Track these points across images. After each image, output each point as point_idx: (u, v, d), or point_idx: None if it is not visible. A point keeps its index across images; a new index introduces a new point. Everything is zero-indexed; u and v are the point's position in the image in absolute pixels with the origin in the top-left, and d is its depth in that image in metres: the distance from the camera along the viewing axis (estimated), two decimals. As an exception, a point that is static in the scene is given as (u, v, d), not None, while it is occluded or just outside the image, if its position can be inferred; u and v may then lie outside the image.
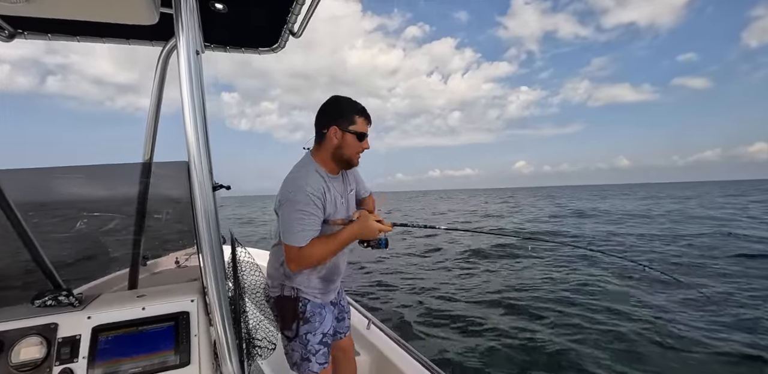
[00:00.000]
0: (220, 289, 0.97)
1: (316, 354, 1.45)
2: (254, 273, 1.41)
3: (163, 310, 1.05)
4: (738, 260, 7.60)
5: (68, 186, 1.45)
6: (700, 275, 6.55)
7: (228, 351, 0.98)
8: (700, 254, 8.38)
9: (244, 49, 1.69)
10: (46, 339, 0.95)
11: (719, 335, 3.97)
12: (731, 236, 10.82)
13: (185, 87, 0.90)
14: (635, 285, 5.74)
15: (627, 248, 9.56)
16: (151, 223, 1.60)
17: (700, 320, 4.35)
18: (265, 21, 1.47)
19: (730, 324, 4.25)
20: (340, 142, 1.39)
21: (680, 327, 4.17)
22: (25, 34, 1.34)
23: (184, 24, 0.91)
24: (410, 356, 1.98)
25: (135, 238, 1.60)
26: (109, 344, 0.98)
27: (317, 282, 1.50)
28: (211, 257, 0.95)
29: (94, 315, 1.01)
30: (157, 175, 1.58)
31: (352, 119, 1.39)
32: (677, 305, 4.85)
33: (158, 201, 1.60)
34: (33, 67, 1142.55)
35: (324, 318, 1.50)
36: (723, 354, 3.60)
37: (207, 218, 0.94)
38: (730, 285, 5.78)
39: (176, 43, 0.92)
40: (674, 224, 14.46)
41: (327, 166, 1.44)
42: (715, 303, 4.92)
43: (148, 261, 1.63)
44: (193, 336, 1.03)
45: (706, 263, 7.46)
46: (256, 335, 1.34)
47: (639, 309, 4.76)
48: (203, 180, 0.93)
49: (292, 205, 1.31)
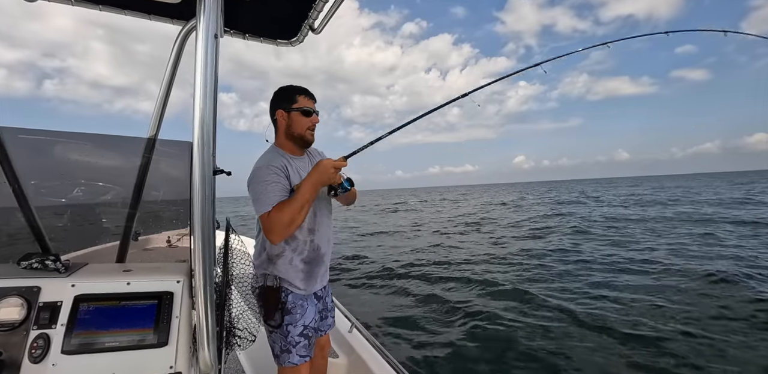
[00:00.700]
0: (207, 273, 0.97)
1: (296, 345, 1.45)
2: (245, 262, 1.41)
3: (147, 287, 1.04)
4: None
5: (72, 152, 1.45)
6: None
7: (207, 337, 0.98)
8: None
9: (262, 39, 1.69)
10: (27, 301, 0.95)
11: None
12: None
13: (200, 69, 0.90)
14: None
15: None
16: (148, 199, 1.60)
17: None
18: (287, 13, 1.47)
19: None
20: (287, 121, 1.51)
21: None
22: None
23: (207, 6, 0.91)
24: (388, 364, 1.99)
25: (130, 211, 1.60)
26: (89, 314, 0.97)
27: (301, 265, 1.50)
28: (203, 240, 0.95)
29: (78, 284, 1.01)
30: (160, 152, 1.59)
31: (294, 98, 1.50)
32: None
33: (158, 178, 1.60)
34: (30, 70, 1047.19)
35: (306, 310, 1.50)
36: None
37: (204, 200, 0.94)
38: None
39: (196, 25, 0.92)
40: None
41: (286, 148, 1.55)
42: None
43: (140, 237, 1.63)
44: (174, 317, 1.02)
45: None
46: (238, 324, 1.34)
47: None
48: (205, 162, 0.94)
49: (255, 179, 1.40)
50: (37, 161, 1.39)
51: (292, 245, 1.49)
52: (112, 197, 1.59)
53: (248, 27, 1.60)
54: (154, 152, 1.58)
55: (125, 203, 1.58)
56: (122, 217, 1.60)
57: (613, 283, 5.98)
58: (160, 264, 1.22)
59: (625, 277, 6.29)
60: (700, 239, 9.45)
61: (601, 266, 7.14)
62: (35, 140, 1.37)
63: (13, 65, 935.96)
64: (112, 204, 1.60)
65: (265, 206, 1.33)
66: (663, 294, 5.34)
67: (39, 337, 0.92)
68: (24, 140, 1.33)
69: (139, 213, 1.61)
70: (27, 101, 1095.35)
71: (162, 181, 1.62)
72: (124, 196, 1.58)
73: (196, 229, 0.95)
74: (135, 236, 1.61)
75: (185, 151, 1.41)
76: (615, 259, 7.66)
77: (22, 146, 1.31)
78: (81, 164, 1.47)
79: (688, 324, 4.29)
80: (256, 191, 1.37)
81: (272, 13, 1.47)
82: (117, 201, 1.59)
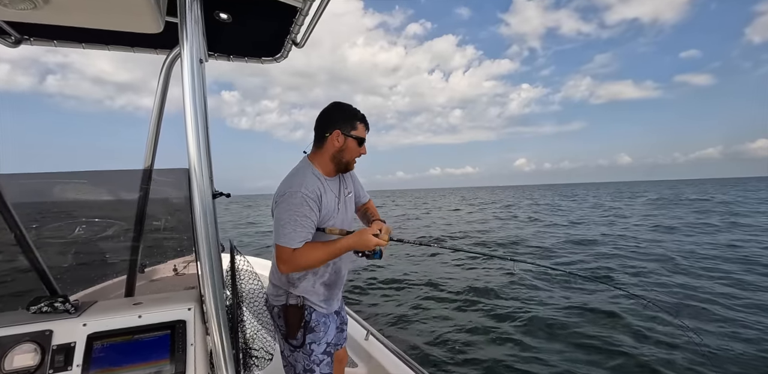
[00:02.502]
0: (217, 297, 0.96)
1: (320, 364, 1.43)
2: (252, 282, 1.40)
3: (159, 318, 1.04)
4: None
5: (69, 191, 1.45)
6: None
7: (224, 361, 0.97)
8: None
9: (247, 59, 1.71)
10: (40, 345, 0.94)
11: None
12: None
13: (188, 95, 0.91)
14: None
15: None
16: (151, 230, 1.60)
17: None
18: (268, 32, 1.48)
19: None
20: (341, 145, 1.42)
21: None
22: (31, 40, 1.36)
23: (189, 33, 0.92)
24: (409, 368, 1.96)
25: (133, 245, 1.59)
26: (103, 352, 0.96)
27: (321, 288, 1.49)
28: (210, 265, 0.95)
29: (90, 322, 1.00)
30: (158, 182, 1.59)
31: (354, 124, 1.43)
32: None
33: (158, 208, 1.59)
34: (32, 66, 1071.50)
35: (328, 327, 1.49)
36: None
37: (206, 225, 0.94)
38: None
39: (180, 52, 0.93)
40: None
41: (324, 169, 1.47)
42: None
43: (146, 268, 1.62)
44: (189, 345, 1.02)
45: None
46: (254, 345, 1.33)
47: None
48: (203, 187, 0.93)
49: (286, 206, 1.32)
50: (36, 204, 1.39)
51: (314, 270, 1.47)
52: (114, 231, 1.58)
53: (231, 49, 1.62)
54: (152, 183, 1.58)
55: (128, 236, 1.58)
56: (126, 251, 1.59)
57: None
58: (169, 294, 1.21)
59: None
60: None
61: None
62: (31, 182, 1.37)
63: (17, 61, 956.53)
64: (115, 239, 1.59)
65: (292, 242, 1.30)
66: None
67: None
68: (21, 185, 1.33)
69: (143, 244, 1.60)
70: (30, 96, 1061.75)
71: (163, 210, 1.62)
72: (126, 229, 1.57)
73: (202, 254, 0.94)
74: (141, 269, 1.60)
75: (182, 178, 1.40)
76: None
77: (20, 190, 1.31)
78: (80, 202, 1.47)
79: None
80: (286, 220, 1.31)
81: (254, 33, 1.49)
82: (119, 235, 1.59)
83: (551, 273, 6.63)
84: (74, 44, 1.42)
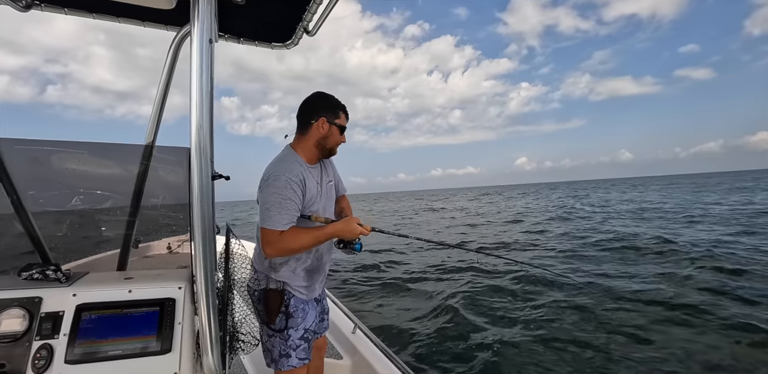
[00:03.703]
0: (208, 279, 0.97)
1: (296, 349, 1.45)
2: (246, 267, 1.41)
3: (149, 294, 1.04)
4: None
5: (70, 161, 1.45)
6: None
7: (210, 342, 0.98)
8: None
9: (257, 43, 1.69)
10: (29, 311, 0.95)
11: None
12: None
13: (195, 74, 0.90)
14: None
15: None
16: (147, 206, 1.60)
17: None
18: (281, 17, 1.47)
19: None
20: (326, 132, 1.49)
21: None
22: (42, 5, 1.34)
23: (201, 11, 0.91)
24: (392, 363, 1.98)
25: (129, 219, 1.60)
26: (91, 323, 0.97)
27: (302, 274, 1.51)
28: (203, 245, 0.95)
29: (80, 293, 1.00)
30: (158, 159, 1.58)
31: (338, 113, 1.52)
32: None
33: (156, 185, 1.59)
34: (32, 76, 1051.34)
35: (307, 314, 1.51)
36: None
37: (203, 206, 0.94)
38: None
39: (190, 30, 0.92)
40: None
41: (307, 155, 1.52)
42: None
43: (140, 244, 1.63)
44: (177, 323, 1.02)
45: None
46: (241, 329, 1.34)
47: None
48: (203, 168, 0.93)
49: (271, 189, 1.36)
50: (35, 171, 1.39)
51: (296, 256, 1.49)
52: (111, 205, 1.58)
53: (243, 31, 1.60)
54: (152, 159, 1.58)
55: (124, 210, 1.58)
56: (122, 225, 1.60)
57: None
58: (161, 271, 1.22)
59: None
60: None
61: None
62: (32, 150, 1.36)
63: (16, 72, 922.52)
64: (112, 212, 1.59)
65: (278, 224, 1.33)
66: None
67: (42, 348, 0.92)
68: (21, 151, 1.32)
69: (139, 220, 1.61)
70: (30, 107, 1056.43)
71: (161, 187, 1.62)
72: (123, 204, 1.57)
73: (196, 234, 0.94)
74: (135, 244, 1.60)
75: (183, 157, 1.40)
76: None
77: (20, 156, 1.30)
78: (79, 172, 1.47)
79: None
80: (271, 203, 1.34)
81: (266, 17, 1.47)
82: (116, 209, 1.59)
83: (551, 271, 6.62)
84: (84, 13, 1.40)
